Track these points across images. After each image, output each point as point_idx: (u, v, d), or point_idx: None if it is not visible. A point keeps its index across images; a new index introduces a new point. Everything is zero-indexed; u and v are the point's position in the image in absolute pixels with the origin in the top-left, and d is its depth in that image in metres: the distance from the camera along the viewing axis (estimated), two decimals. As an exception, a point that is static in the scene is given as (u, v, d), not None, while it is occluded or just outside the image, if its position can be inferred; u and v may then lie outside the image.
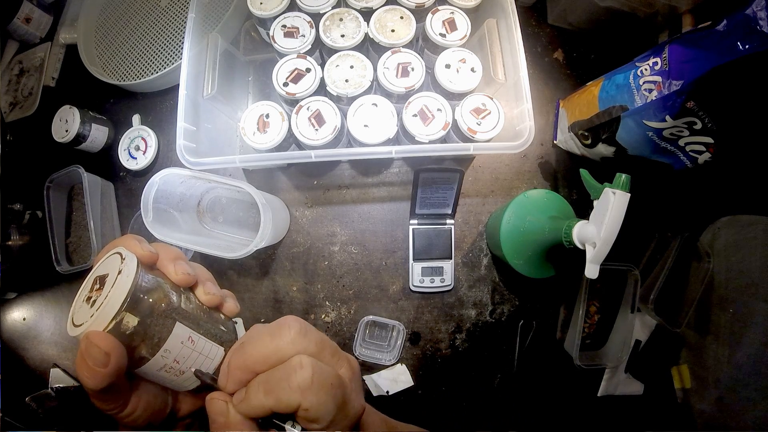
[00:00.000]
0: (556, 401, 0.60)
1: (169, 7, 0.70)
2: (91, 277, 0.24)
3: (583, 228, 0.41)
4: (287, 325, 0.24)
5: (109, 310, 0.21)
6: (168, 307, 0.24)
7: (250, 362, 0.24)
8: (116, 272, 0.22)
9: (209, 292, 0.27)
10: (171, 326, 0.23)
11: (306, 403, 0.22)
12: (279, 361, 0.23)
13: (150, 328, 0.23)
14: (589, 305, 0.60)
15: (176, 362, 0.24)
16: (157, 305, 0.23)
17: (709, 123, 0.41)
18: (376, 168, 0.64)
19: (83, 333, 0.21)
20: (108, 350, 0.21)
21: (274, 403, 0.22)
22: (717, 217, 0.58)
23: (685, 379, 0.59)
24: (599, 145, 0.52)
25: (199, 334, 0.25)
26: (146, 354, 0.23)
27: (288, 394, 0.22)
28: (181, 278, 0.25)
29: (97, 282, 0.23)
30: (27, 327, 0.71)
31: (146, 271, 0.24)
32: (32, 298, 0.71)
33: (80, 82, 0.71)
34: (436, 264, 0.60)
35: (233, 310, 0.29)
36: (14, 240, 0.69)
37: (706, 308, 0.56)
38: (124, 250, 0.24)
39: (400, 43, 0.51)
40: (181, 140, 0.49)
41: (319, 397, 0.22)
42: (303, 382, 0.22)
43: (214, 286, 0.28)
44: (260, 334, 0.25)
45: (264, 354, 0.24)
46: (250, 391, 0.23)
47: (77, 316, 0.22)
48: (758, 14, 0.35)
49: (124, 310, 0.21)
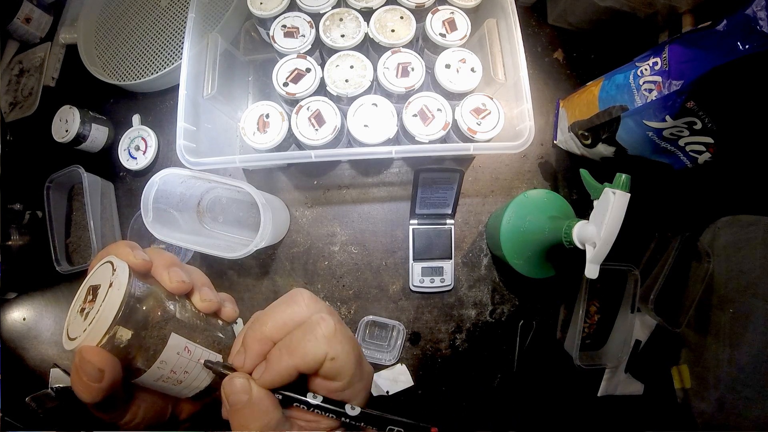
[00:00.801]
0: (556, 401, 0.60)
1: (169, 7, 0.70)
2: (85, 285, 0.23)
3: (583, 228, 0.41)
4: (299, 293, 0.25)
5: (102, 325, 0.21)
6: (163, 318, 0.23)
7: (268, 331, 0.24)
8: (108, 284, 0.22)
9: (206, 299, 0.26)
10: (166, 337, 0.23)
11: (333, 351, 0.22)
12: (297, 326, 0.24)
13: (145, 340, 0.22)
14: (589, 305, 0.60)
15: (173, 372, 0.23)
16: (152, 316, 0.22)
17: (709, 123, 0.41)
18: (376, 168, 0.64)
19: (76, 348, 0.21)
20: (102, 366, 0.20)
21: (299, 360, 0.22)
22: (717, 217, 0.58)
23: (685, 379, 0.59)
24: (599, 145, 0.52)
25: (195, 343, 0.24)
26: (142, 366, 0.22)
27: (314, 345, 0.22)
28: (176, 286, 0.24)
29: (90, 292, 0.22)
30: (27, 327, 0.71)
31: (139, 279, 0.23)
32: (32, 298, 0.71)
33: (80, 82, 0.71)
34: (436, 264, 0.60)
35: (232, 315, 0.28)
36: (14, 240, 0.69)
37: (706, 308, 0.56)
38: (115, 259, 0.23)
39: (400, 43, 0.51)
40: (181, 140, 0.49)
41: (344, 346, 0.23)
42: (328, 332, 0.23)
43: (211, 291, 0.27)
44: (272, 307, 0.25)
45: (281, 320, 0.24)
46: (272, 357, 0.23)
47: (72, 329, 0.22)
48: (758, 14, 0.35)
49: (117, 323, 0.21)
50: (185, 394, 0.25)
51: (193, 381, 0.25)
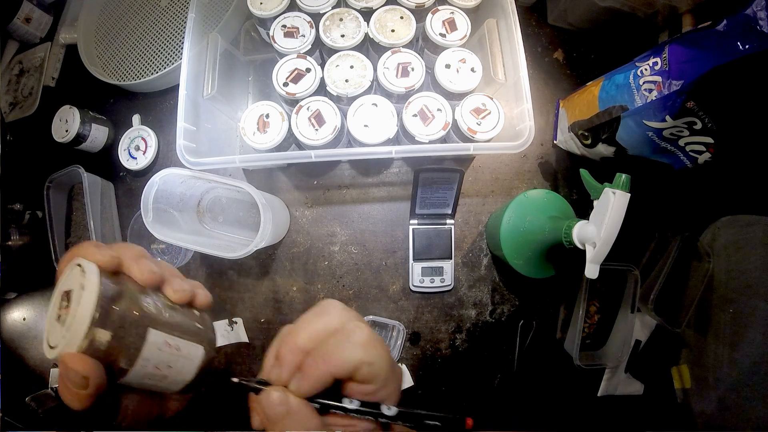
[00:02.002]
0: (556, 401, 0.60)
1: (169, 7, 0.70)
2: (58, 291, 0.23)
3: (583, 228, 0.41)
4: (330, 304, 0.26)
5: (78, 330, 0.20)
6: (139, 314, 0.23)
7: (302, 342, 0.24)
8: (79, 287, 0.21)
9: (178, 289, 0.26)
10: (144, 334, 0.23)
11: (369, 357, 0.23)
12: (330, 335, 0.24)
13: (124, 339, 0.22)
14: (589, 305, 0.60)
15: (157, 369, 0.23)
16: (128, 314, 0.22)
17: (709, 123, 0.41)
18: (376, 168, 0.64)
19: (58, 356, 0.21)
20: (85, 372, 0.20)
21: (335, 367, 0.23)
22: (717, 217, 0.58)
23: (685, 379, 0.59)
24: (599, 145, 0.52)
25: (174, 336, 0.24)
26: (125, 365, 0.22)
27: (350, 351, 0.23)
28: (147, 278, 0.24)
29: (65, 298, 0.22)
30: (27, 327, 0.71)
31: (110, 278, 0.23)
32: (32, 298, 0.71)
33: (80, 82, 0.71)
34: (436, 264, 0.60)
35: (205, 301, 0.28)
36: (14, 240, 0.69)
37: (706, 308, 0.56)
38: (83, 261, 0.22)
39: (400, 43, 0.51)
40: (181, 140, 0.49)
41: (378, 350, 0.24)
42: (363, 339, 0.24)
43: (182, 281, 0.27)
44: (303, 319, 0.26)
45: (315, 331, 0.24)
46: (308, 366, 0.24)
47: (51, 337, 0.22)
48: (758, 14, 0.35)
49: (95, 326, 0.21)
50: (173, 389, 0.25)
51: (178, 375, 0.25)
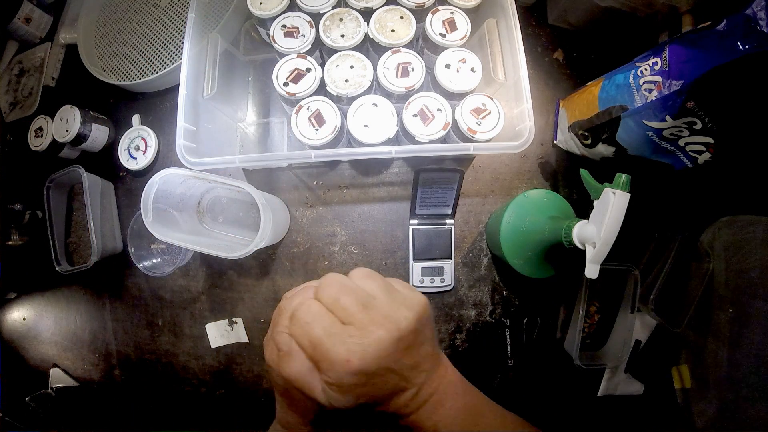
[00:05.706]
0: (556, 401, 0.60)
1: (169, 7, 0.70)
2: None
3: (583, 228, 0.41)
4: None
5: None
6: None
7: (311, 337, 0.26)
8: None
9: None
10: None
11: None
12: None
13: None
14: (589, 305, 0.60)
15: None
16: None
17: (709, 123, 0.41)
18: (376, 168, 0.64)
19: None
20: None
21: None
22: (717, 217, 0.58)
23: (685, 379, 0.59)
24: (599, 145, 0.52)
25: None
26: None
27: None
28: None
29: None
30: (27, 327, 0.71)
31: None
32: (32, 298, 0.71)
33: (80, 82, 0.71)
34: (436, 264, 0.60)
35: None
36: (14, 240, 0.69)
37: (706, 308, 0.56)
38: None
39: (400, 43, 0.51)
40: (181, 140, 0.49)
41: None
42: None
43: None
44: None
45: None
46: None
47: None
48: (758, 14, 0.35)
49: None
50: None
51: None
